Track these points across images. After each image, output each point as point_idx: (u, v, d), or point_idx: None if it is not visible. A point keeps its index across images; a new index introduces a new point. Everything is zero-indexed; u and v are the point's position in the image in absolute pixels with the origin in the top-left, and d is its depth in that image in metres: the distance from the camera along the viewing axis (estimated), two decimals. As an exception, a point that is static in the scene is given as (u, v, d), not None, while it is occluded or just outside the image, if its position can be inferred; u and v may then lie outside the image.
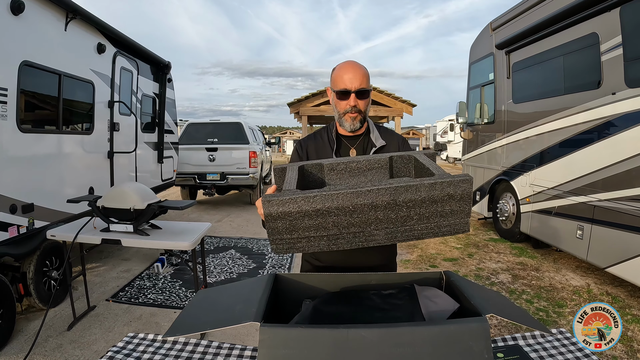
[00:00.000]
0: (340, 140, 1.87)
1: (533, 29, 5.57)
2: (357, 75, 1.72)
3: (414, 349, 0.87)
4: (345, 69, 1.75)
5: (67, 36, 4.38)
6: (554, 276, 5.10)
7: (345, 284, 1.27)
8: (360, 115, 1.76)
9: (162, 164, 7.46)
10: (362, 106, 1.75)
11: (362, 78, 1.72)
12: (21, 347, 3.31)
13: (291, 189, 1.18)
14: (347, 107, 1.74)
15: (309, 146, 1.90)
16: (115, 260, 5.66)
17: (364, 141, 1.86)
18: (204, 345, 1.46)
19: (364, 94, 1.73)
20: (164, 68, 7.35)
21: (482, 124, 7.50)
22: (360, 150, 1.85)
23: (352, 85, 1.71)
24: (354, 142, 1.86)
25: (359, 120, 1.77)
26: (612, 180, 4.26)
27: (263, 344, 0.87)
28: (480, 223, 8.24)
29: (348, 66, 1.76)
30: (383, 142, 1.82)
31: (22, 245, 3.67)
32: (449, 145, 26.52)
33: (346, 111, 1.75)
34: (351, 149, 1.85)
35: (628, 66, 4.07)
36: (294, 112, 9.37)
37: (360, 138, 1.86)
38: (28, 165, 3.82)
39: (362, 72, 1.73)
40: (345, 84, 1.72)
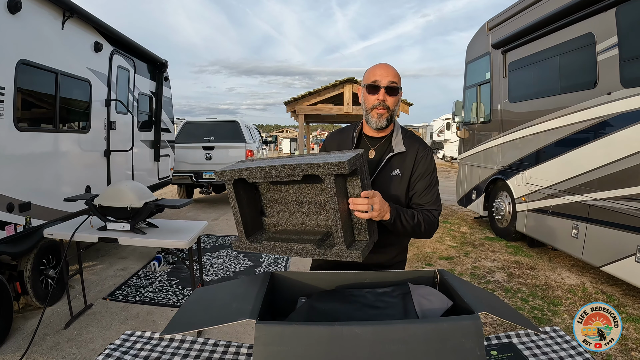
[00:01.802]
0: (362, 139, 1.88)
1: (529, 29, 5.59)
2: (389, 72, 1.75)
3: (407, 346, 0.88)
4: (378, 66, 1.79)
5: (64, 35, 4.37)
6: (549, 275, 5.13)
7: (340, 282, 1.28)
8: (388, 112, 1.77)
9: (158, 162, 7.46)
10: (390, 103, 1.76)
11: (394, 75, 1.75)
12: (18, 345, 3.31)
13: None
14: (375, 102, 1.75)
15: (333, 141, 1.96)
16: (112, 259, 5.66)
17: (385, 144, 1.85)
18: (201, 343, 1.47)
19: (394, 90, 1.75)
20: (160, 66, 7.34)
21: (478, 123, 7.52)
22: (380, 152, 1.84)
23: (383, 80, 1.73)
24: (375, 143, 1.86)
25: (385, 117, 1.77)
26: (607, 180, 4.28)
27: (258, 341, 0.88)
28: (476, 222, 8.27)
29: (381, 64, 1.79)
30: (403, 148, 1.80)
31: (19, 244, 3.67)
32: (445, 144, 26.58)
33: (374, 106, 1.75)
34: (371, 150, 1.86)
35: (623, 66, 4.09)
36: (291, 110, 9.37)
37: (383, 140, 1.86)
38: (25, 163, 3.82)
39: (393, 70, 1.76)
40: (376, 77, 1.74)
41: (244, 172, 1.41)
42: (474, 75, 7.72)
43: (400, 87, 1.79)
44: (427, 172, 1.81)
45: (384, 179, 1.78)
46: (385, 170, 1.79)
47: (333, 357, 0.88)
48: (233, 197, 1.48)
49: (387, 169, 1.79)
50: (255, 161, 1.53)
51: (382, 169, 1.79)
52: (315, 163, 1.27)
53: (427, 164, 1.82)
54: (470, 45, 7.82)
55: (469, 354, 0.89)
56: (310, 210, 1.52)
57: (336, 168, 1.23)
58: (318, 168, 1.26)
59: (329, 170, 1.25)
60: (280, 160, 1.42)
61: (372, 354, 0.88)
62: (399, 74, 1.78)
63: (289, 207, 1.57)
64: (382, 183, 1.78)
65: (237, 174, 1.43)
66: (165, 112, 7.82)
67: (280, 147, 46.08)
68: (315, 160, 1.32)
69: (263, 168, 1.37)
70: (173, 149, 8.45)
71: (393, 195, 1.77)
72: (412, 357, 0.88)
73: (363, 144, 1.87)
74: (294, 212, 1.57)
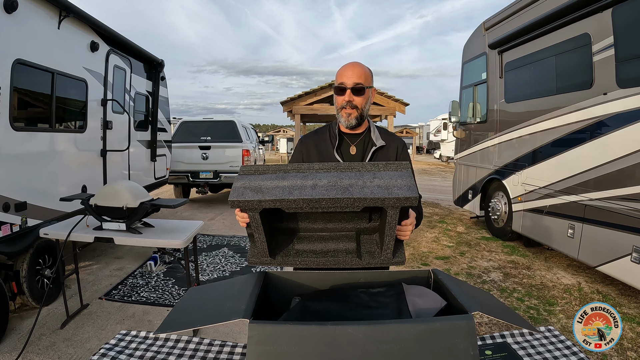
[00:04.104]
0: (342, 137, 1.90)
1: (526, 29, 5.60)
2: (355, 72, 1.77)
3: (400, 346, 0.89)
4: (345, 67, 1.81)
5: (61, 34, 4.36)
6: (545, 274, 5.14)
7: (334, 282, 1.28)
8: (357, 112, 1.79)
9: (155, 162, 7.44)
10: (358, 102, 1.78)
11: (360, 75, 1.77)
12: (14, 345, 3.30)
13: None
14: (343, 102, 1.79)
15: (309, 142, 1.95)
16: (108, 259, 5.65)
17: (364, 139, 1.90)
18: (196, 342, 1.48)
19: (360, 90, 1.77)
20: (157, 66, 7.32)
21: (474, 123, 7.54)
22: (361, 148, 1.88)
23: (348, 81, 1.76)
24: (354, 140, 1.90)
25: (354, 116, 1.80)
26: (603, 180, 4.29)
27: (252, 340, 0.89)
28: (472, 222, 8.28)
29: (348, 64, 1.82)
30: (383, 142, 1.86)
31: (15, 244, 3.66)
32: (442, 144, 26.66)
33: (342, 106, 1.80)
34: (351, 146, 1.89)
35: (619, 67, 4.10)
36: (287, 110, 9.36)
37: (362, 136, 1.90)
38: (21, 163, 3.81)
39: (359, 70, 1.78)
40: (342, 79, 1.77)
41: (281, 202, 1.16)
42: (471, 75, 7.73)
43: (368, 87, 1.81)
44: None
45: None
46: None
47: (326, 357, 0.88)
48: (259, 226, 1.27)
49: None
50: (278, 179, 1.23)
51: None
52: (382, 198, 1.14)
53: (406, 156, 1.90)
54: (467, 45, 7.83)
55: (462, 353, 0.89)
56: (338, 218, 1.42)
57: (406, 202, 1.15)
58: (386, 201, 1.15)
59: (397, 203, 1.16)
60: (323, 187, 1.18)
61: (365, 354, 0.88)
62: (367, 72, 1.81)
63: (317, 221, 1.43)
64: None
65: (268, 204, 1.17)
66: (162, 112, 7.81)
67: (277, 147, 46.02)
68: (366, 184, 1.19)
69: (311, 200, 1.15)
70: (169, 148, 8.44)
71: None
72: (405, 357, 0.89)
73: (344, 142, 1.90)
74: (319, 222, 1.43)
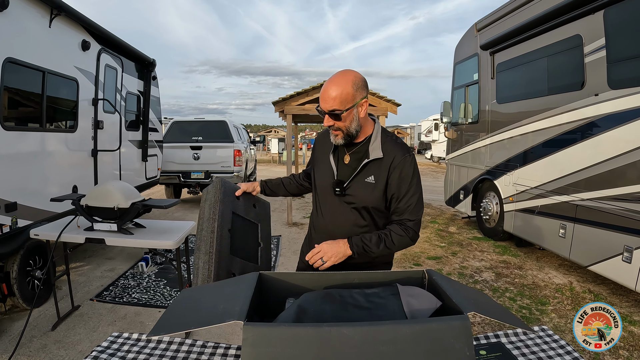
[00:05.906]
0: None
1: (518, 30, 5.63)
2: (330, 97, 1.67)
3: (396, 347, 0.88)
4: (324, 87, 1.70)
5: (52, 33, 4.32)
6: (536, 274, 5.17)
7: (329, 283, 1.28)
8: (342, 133, 1.75)
9: (146, 162, 7.40)
10: (340, 125, 1.72)
11: (335, 99, 1.66)
12: (5, 347, 3.26)
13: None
14: (326, 125, 1.76)
15: (320, 137, 1.99)
16: (99, 260, 5.61)
17: (361, 149, 1.82)
18: (189, 344, 1.46)
19: (337, 116, 1.69)
20: (148, 66, 7.28)
21: (466, 124, 7.57)
22: (356, 158, 1.82)
23: (325, 105, 1.69)
24: (351, 149, 1.85)
25: (341, 137, 1.76)
26: (594, 180, 4.33)
27: (246, 343, 0.88)
28: (464, 222, 8.31)
29: (326, 85, 1.69)
30: (380, 154, 1.76)
31: (5, 245, 3.61)
32: (433, 144, 26.76)
33: (329, 126, 1.76)
34: (346, 155, 1.85)
35: (611, 68, 4.14)
36: (279, 110, 9.35)
37: (359, 146, 1.83)
38: (11, 163, 3.76)
39: (336, 93, 1.66)
40: (320, 101, 1.71)
41: None
42: (462, 76, 7.76)
43: (349, 108, 1.67)
44: (403, 179, 1.75)
45: (358, 185, 1.78)
46: (360, 176, 1.78)
47: (322, 358, 0.88)
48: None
49: (362, 175, 1.78)
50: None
51: (357, 175, 1.78)
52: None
53: (405, 171, 1.76)
54: (459, 46, 7.86)
55: (458, 354, 0.89)
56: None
57: None
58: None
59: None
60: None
61: (360, 355, 0.88)
62: (347, 92, 1.66)
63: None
64: (356, 189, 1.78)
65: None
66: (153, 112, 7.77)
67: (268, 147, 45.96)
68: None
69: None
70: (161, 148, 8.40)
71: (367, 202, 1.78)
72: (401, 357, 0.88)
73: (340, 148, 1.87)
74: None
